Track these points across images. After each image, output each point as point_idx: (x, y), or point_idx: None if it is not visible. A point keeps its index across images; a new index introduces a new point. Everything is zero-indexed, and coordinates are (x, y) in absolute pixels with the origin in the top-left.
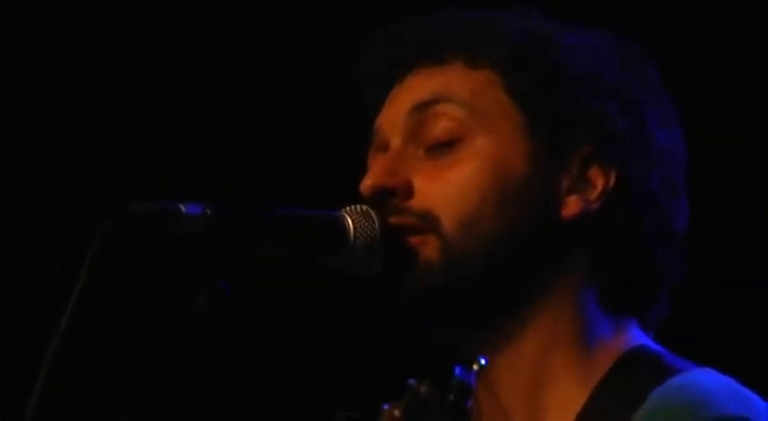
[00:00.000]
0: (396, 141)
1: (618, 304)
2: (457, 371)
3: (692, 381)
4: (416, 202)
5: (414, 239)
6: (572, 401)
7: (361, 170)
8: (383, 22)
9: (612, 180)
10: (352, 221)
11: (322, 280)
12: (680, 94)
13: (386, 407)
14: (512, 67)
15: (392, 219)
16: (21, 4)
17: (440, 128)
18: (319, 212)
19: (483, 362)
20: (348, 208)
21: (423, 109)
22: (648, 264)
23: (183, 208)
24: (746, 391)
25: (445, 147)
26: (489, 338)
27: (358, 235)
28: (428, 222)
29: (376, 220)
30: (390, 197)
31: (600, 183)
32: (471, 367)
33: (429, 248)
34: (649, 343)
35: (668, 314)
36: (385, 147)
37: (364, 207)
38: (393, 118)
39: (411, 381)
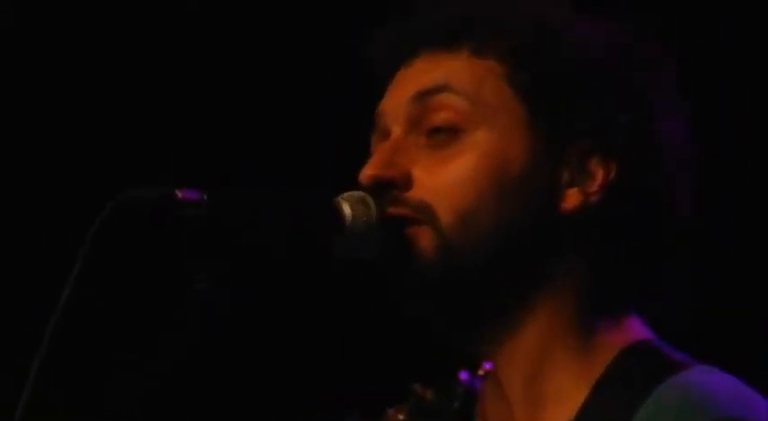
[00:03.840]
0: (397, 130)
1: (618, 297)
2: (462, 376)
3: (697, 381)
4: (414, 194)
5: (410, 230)
6: (573, 392)
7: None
8: (380, 17)
9: (613, 172)
10: (350, 206)
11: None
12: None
13: (391, 410)
14: (516, 60)
15: (390, 210)
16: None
17: (441, 118)
18: (317, 194)
19: (488, 367)
20: (345, 194)
21: (425, 97)
22: (648, 258)
23: (178, 193)
24: (749, 392)
25: (446, 137)
26: (487, 327)
27: (355, 219)
28: (425, 214)
29: (373, 207)
30: (389, 188)
31: (600, 175)
32: (476, 372)
33: (425, 239)
34: (651, 338)
35: (677, 306)
36: (387, 134)
37: (361, 193)
38: (395, 105)
39: (416, 386)
